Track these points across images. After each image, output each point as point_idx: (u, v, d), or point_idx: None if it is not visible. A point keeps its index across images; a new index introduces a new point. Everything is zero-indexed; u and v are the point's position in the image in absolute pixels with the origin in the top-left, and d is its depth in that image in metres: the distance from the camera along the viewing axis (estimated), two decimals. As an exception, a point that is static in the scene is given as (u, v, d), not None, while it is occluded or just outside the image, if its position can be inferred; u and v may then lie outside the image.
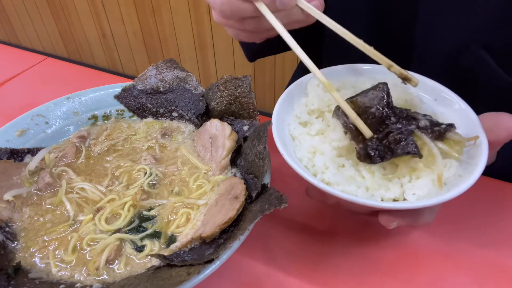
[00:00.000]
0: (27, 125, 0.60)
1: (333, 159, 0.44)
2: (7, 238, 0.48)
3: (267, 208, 0.40)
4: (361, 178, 0.43)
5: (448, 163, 0.42)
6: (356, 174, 0.43)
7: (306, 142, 0.46)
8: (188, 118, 0.63)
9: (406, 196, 0.41)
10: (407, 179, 0.42)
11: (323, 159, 0.44)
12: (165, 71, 0.63)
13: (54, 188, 0.54)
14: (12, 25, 2.75)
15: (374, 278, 0.47)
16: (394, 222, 0.42)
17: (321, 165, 0.44)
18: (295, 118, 0.50)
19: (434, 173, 0.41)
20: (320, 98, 0.49)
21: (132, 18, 2.18)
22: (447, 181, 0.41)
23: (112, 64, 2.52)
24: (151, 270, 0.43)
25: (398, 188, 0.42)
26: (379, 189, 0.42)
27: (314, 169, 0.44)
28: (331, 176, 0.42)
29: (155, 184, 0.54)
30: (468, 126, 0.44)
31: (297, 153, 0.46)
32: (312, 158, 0.45)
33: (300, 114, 0.50)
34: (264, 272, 0.48)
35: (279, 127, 0.47)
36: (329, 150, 0.44)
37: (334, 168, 0.43)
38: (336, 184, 0.42)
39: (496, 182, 0.57)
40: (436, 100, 0.49)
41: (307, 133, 0.48)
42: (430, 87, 0.50)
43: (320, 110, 0.49)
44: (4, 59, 0.97)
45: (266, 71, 1.93)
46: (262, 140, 0.47)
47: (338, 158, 0.45)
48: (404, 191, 0.41)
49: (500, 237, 0.50)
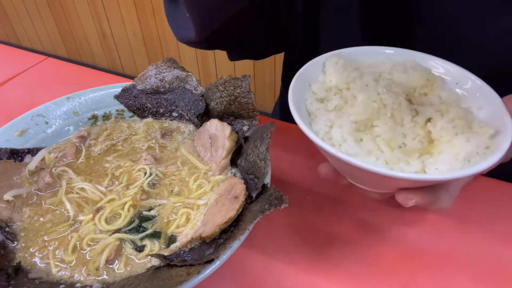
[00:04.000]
0: (27, 125, 0.60)
1: (351, 133, 0.43)
2: (7, 238, 0.48)
3: (267, 208, 0.40)
4: (380, 152, 0.42)
5: (471, 138, 0.41)
6: (374, 147, 0.42)
7: (323, 116, 0.45)
8: (188, 118, 0.63)
9: (428, 171, 0.40)
10: (428, 155, 0.41)
11: (340, 132, 0.43)
12: (165, 71, 0.63)
13: (54, 188, 0.54)
14: (12, 25, 2.75)
15: (374, 278, 0.47)
16: (413, 200, 0.40)
17: (339, 138, 0.42)
18: (312, 94, 0.49)
19: (455, 148, 0.40)
20: (338, 74, 0.49)
21: (132, 18, 2.18)
22: (470, 158, 0.40)
23: (112, 64, 2.52)
24: (151, 270, 0.43)
25: (419, 162, 0.40)
26: (398, 163, 0.40)
27: (331, 142, 0.43)
28: (349, 148, 0.41)
29: (155, 184, 0.54)
30: (491, 108, 0.44)
31: (313, 126, 0.45)
32: (329, 131, 0.44)
33: (317, 91, 0.49)
34: (264, 272, 0.48)
35: (295, 101, 0.45)
36: (347, 123, 0.43)
37: (352, 141, 0.42)
38: (354, 155, 0.41)
39: (496, 182, 0.57)
40: (457, 83, 0.49)
41: (324, 108, 0.47)
42: (452, 70, 0.49)
43: (338, 87, 0.49)
44: (4, 59, 0.97)
45: (266, 71, 1.93)
46: (265, 141, 0.47)
47: (356, 132, 0.43)
48: (425, 166, 0.40)
49: (500, 237, 0.50)
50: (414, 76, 0.48)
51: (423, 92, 0.48)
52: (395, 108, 0.45)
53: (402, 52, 0.51)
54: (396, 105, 0.45)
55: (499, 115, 0.42)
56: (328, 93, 0.49)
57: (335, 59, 0.50)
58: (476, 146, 0.40)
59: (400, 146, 0.42)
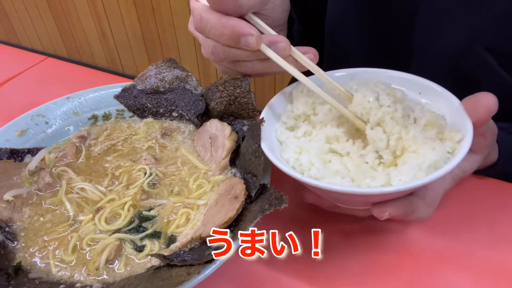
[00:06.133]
0: (27, 125, 0.60)
1: (319, 156, 0.45)
2: (7, 238, 0.48)
3: (267, 208, 0.40)
4: (346, 171, 0.43)
5: (437, 147, 0.42)
6: (342, 167, 0.44)
7: (292, 144, 0.47)
8: (188, 118, 0.63)
9: (392, 182, 0.41)
10: (393, 167, 0.43)
11: (308, 156, 0.45)
12: (165, 70, 0.63)
13: (54, 188, 0.54)
14: (12, 25, 2.75)
15: (374, 279, 0.47)
16: (386, 212, 0.42)
17: (307, 163, 0.44)
18: (282, 124, 0.51)
19: (419, 157, 0.42)
20: (304, 102, 0.51)
21: (132, 18, 2.18)
22: (436, 165, 0.41)
23: (112, 64, 2.52)
24: (151, 270, 0.43)
25: (384, 175, 0.42)
26: (364, 179, 0.42)
27: (301, 168, 0.45)
28: (317, 172, 0.43)
29: (155, 184, 0.54)
30: (453, 112, 0.46)
31: (284, 154, 0.47)
32: (298, 157, 0.45)
33: (286, 120, 0.51)
34: (264, 272, 0.48)
35: (266, 133, 0.47)
36: (315, 148, 0.45)
37: (320, 164, 0.44)
38: (321, 178, 0.43)
39: (496, 182, 0.57)
40: (420, 93, 0.50)
41: (294, 136, 0.49)
42: (413, 82, 0.51)
43: (306, 113, 0.51)
44: (4, 59, 0.97)
45: (266, 71, 1.92)
46: (256, 138, 0.48)
47: (325, 154, 0.45)
48: (390, 178, 0.41)
49: (500, 237, 0.50)
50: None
51: None
52: None
53: (361, 71, 0.53)
54: None
55: (462, 119, 0.44)
56: (297, 121, 0.51)
57: (300, 87, 0.52)
58: (441, 155, 0.41)
59: (367, 162, 0.44)
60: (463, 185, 0.55)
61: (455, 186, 0.49)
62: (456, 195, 0.54)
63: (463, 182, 0.53)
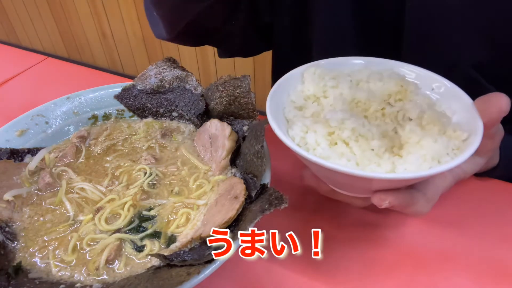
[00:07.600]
0: (27, 125, 0.60)
1: (325, 137, 0.44)
2: (7, 238, 0.48)
3: (267, 208, 0.40)
4: (352, 154, 0.43)
5: (439, 139, 0.42)
6: (347, 150, 0.43)
7: (300, 122, 0.47)
8: (188, 118, 0.63)
9: (397, 171, 0.41)
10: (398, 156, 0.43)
11: (315, 136, 0.44)
12: (165, 70, 0.63)
13: (54, 188, 0.54)
14: (12, 25, 2.75)
15: (374, 278, 0.47)
16: (386, 200, 0.41)
17: (313, 142, 0.44)
18: (291, 102, 0.51)
19: (423, 149, 0.41)
20: (316, 84, 0.50)
21: (132, 18, 2.17)
22: (439, 158, 0.41)
23: (112, 64, 2.52)
24: (151, 270, 0.43)
25: (389, 163, 0.42)
26: (369, 164, 0.42)
27: (306, 146, 0.44)
28: (322, 152, 0.43)
29: (155, 184, 0.54)
30: (463, 110, 0.45)
31: (290, 132, 0.46)
32: (305, 136, 0.45)
33: (295, 99, 0.50)
34: (264, 272, 0.48)
35: (273, 109, 0.47)
36: (322, 128, 0.45)
37: (326, 145, 0.43)
38: (327, 158, 0.42)
39: (496, 182, 0.57)
40: (433, 89, 0.50)
41: (302, 115, 0.48)
42: (426, 76, 0.51)
43: (316, 95, 0.50)
44: (4, 59, 0.97)
45: (266, 71, 1.93)
46: (259, 139, 0.47)
47: (330, 136, 0.45)
48: (395, 166, 0.41)
49: (500, 237, 0.50)
50: (389, 83, 0.50)
51: (398, 98, 0.49)
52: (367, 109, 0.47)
53: (378, 61, 0.53)
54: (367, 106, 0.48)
55: (472, 118, 0.43)
56: (306, 101, 0.51)
57: (313, 69, 0.52)
58: (444, 147, 0.41)
59: (372, 149, 0.43)
60: (464, 185, 0.55)
61: (455, 186, 0.49)
62: (457, 195, 0.54)
63: (463, 182, 0.53)
